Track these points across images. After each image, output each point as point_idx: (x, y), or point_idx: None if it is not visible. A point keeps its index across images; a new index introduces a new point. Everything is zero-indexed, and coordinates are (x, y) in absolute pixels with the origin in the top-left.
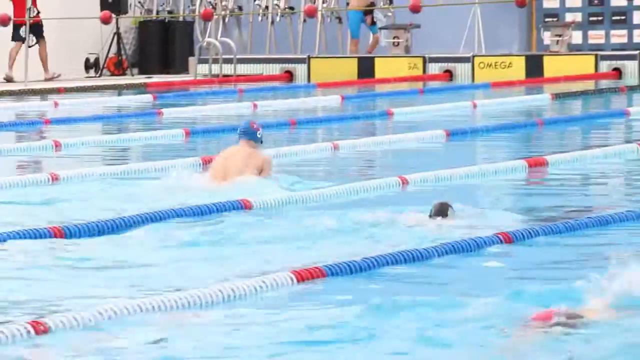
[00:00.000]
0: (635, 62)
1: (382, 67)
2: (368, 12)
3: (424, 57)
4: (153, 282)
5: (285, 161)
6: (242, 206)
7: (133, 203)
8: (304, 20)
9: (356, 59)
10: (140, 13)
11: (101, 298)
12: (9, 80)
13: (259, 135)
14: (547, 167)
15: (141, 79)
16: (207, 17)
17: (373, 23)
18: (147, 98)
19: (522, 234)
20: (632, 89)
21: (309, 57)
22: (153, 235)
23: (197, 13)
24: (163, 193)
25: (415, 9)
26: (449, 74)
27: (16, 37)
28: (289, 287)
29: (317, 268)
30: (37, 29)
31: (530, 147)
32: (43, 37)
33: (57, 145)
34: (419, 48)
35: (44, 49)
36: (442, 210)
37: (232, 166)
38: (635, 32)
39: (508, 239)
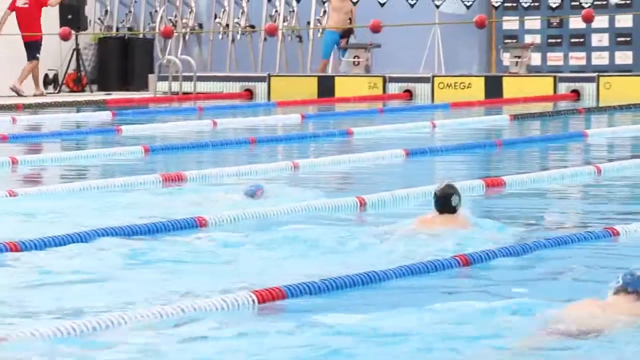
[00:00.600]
0: (594, 85)
1: (342, 87)
2: (345, 35)
3: (384, 77)
4: (109, 300)
5: (244, 180)
6: (197, 224)
7: (93, 218)
8: (265, 39)
9: (316, 78)
10: (100, 29)
11: (52, 314)
12: (16, 92)
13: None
14: (504, 187)
15: (100, 96)
16: (167, 35)
17: (345, 48)
18: (106, 115)
19: (480, 256)
20: (590, 110)
21: (269, 76)
22: (108, 251)
23: (157, 30)
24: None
25: (376, 29)
26: (409, 94)
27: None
28: (249, 307)
29: (277, 288)
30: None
31: (488, 167)
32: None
33: (14, 162)
34: (379, 68)
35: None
36: (447, 205)
37: None
38: (594, 54)
39: (466, 261)
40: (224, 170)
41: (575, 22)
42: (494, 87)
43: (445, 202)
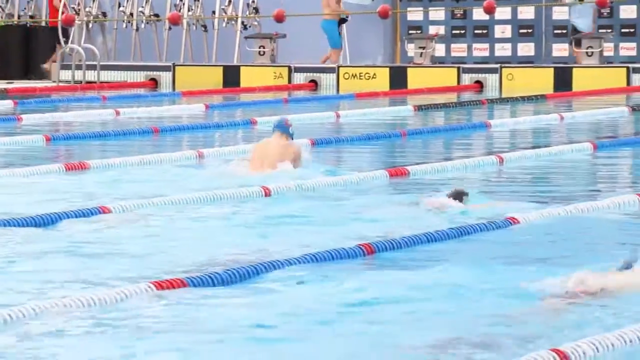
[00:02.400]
0: (497, 76)
1: (248, 76)
2: (341, 22)
3: (289, 67)
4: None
5: (148, 171)
6: (100, 211)
7: None
8: (169, 28)
9: (221, 68)
10: (1, 17)
11: None
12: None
13: (291, 131)
14: (408, 177)
15: (1, 85)
16: (68, 23)
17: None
18: (8, 104)
19: (384, 245)
20: (492, 101)
21: (174, 65)
22: (8, 241)
23: (59, 18)
24: (206, 181)
25: (279, 19)
26: (314, 84)
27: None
28: (149, 296)
29: (178, 279)
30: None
31: (393, 157)
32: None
33: None
34: (284, 58)
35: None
36: (458, 195)
37: (269, 156)
38: (497, 45)
39: (370, 250)
40: (128, 160)
41: (479, 14)
42: (398, 78)
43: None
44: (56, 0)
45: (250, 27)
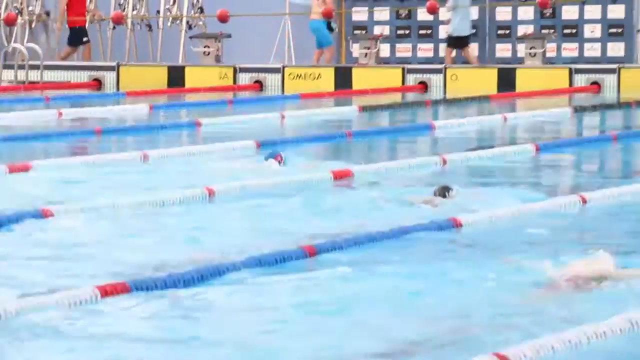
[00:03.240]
0: (441, 76)
1: (193, 77)
2: (329, 25)
3: (234, 67)
4: None
5: (93, 171)
6: (42, 214)
7: None
8: (113, 28)
9: (166, 68)
10: None
11: None
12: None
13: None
14: (352, 178)
15: None
16: (10, 22)
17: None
18: None
19: (326, 246)
20: (437, 102)
21: (118, 65)
22: None
23: (0, 17)
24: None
25: (223, 19)
26: (260, 85)
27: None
28: (94, 302)
29: (121, 283)
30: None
31: (338, 158)
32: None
33: None
34: (229, 58)
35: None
36: (443, 190)
37: None
38: (441, 46)
39: (312, 251)
40: (70, 160)
41: (423, 14)
42: (343, 78)
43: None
44: None
45: (195, 27)
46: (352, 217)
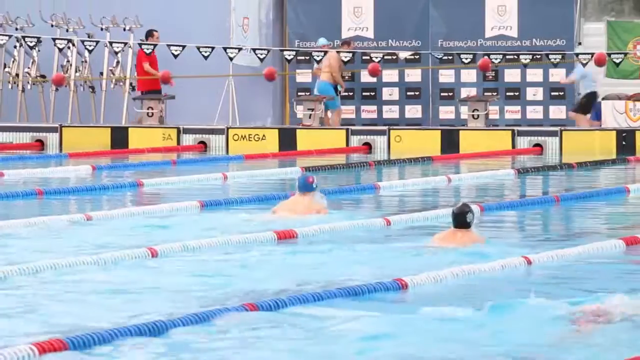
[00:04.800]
0: (385, 137)
1: (136, 138)
2: (336, 89)
3: (178, 128)
4: None
5: (35, 232)
6: None
7: None
8: (56, 89)
9: (109, 129)
10: None
11: None
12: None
13: (314, 186)
14: (297, 239)
15: None
16: None
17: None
18: None
19: (269, 304)
20: (380, 163)
21: (61, 126)
22: None
23: None
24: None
25: (166, 80)
26: (204, 146)
27: None
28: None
29: (58, 340)
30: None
31: (281, 219)
32: None
33: None
34: (173, 119)
35: None
36: (462, 221)
37: (296, 212)
38: (385, 107)
39: (253, 308)
40: (12, 223)
41: (367, 76)
42: (287, 139)
43: (461, 218)
44: None
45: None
46: (295, 277)
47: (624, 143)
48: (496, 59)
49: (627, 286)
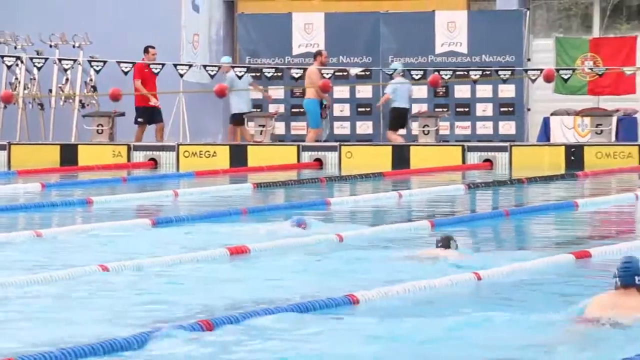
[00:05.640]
0: (336, 153)
1: (86, 155)
2: (322, 105)
3: (128, 145)
4: None
5: None
6: None
7: None
8: (5, 107)
9: (59, 146)
10: None
11: None
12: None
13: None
14: (250, 254)
15: None
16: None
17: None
18: None
19: (222, 320)
20: (332, 179)
21: (10, 144)
22: None
23: None
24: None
25: (115, 97)
26: (154, 163)
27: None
28: None
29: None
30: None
31: (233, 235)
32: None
33: None
34: (123, 136)
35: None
36: (446, 241)
37: None
38: (336, 124)
39: (209, 326)
40: None
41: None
42: (239, 156)
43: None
44: None
45: (88, 105)
46: (248, 293)
47: (572, 158)
48: (446, 75)
49: (578, 301)
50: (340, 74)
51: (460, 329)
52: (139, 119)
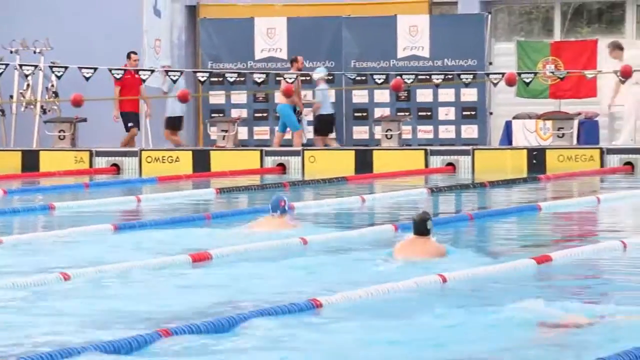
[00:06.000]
0: (299, 158)
1: (48, 161)
2: (295, 110)
3: (90, 151)
4: None
5: None
6: None
7: None
8: None
9: (20, 152)
10: None
11: None
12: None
13: (286, 209)
14: (211, 261)
15: None
16: None
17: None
18: None
19: (182, 329)
20: (295, 184)
21: None
22: None
23: None
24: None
25: (77, 103)
26: (116, 168)
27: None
28: None
29: None
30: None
31: (196, 241)
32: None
33: None
34: (85, 141)
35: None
36: (421, 229)
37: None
38: None
39: (167, 333)
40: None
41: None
42: (201, 161)
43: (421, 226)
44: None
45: (50, 111)
46: (210, 298)
47: (534, 161)
48: (409, 79)
49: (539, 304)
50: (303, 78)
51: (424, 330)
52: (129, 124)
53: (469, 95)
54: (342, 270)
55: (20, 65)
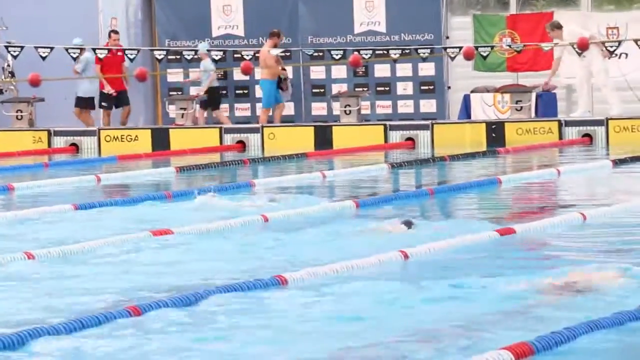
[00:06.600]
0: (259, 135)
1: (6, 141)
2: (280, 80)
3: (48, 131)
4: None
5: None
6: None
7: None
8: None
9: None
10: None
11: None
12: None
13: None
14: (174, 237)
15: None
16: None
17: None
18: None
19: (150, 305)
20: (255, 161)
21: None
22: None
23: None
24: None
25: (35, 83)
26: (75, 148)
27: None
28: None
29: None
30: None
31: (157, 219)
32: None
33: None
34: (43, 121)
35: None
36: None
37: None
38: (257, 105)
39: (137, 311)
40: None
41: (239, 75)
42: (161, 140)
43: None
44: None
45: (6, 91)
46: (173, 276)
47: (493, 135)
48: (366, 54)
49: (503, 277)
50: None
51: (387, 307)
52: (103, 104)
53: (427, 69)
54: (305, 247)
55: None
